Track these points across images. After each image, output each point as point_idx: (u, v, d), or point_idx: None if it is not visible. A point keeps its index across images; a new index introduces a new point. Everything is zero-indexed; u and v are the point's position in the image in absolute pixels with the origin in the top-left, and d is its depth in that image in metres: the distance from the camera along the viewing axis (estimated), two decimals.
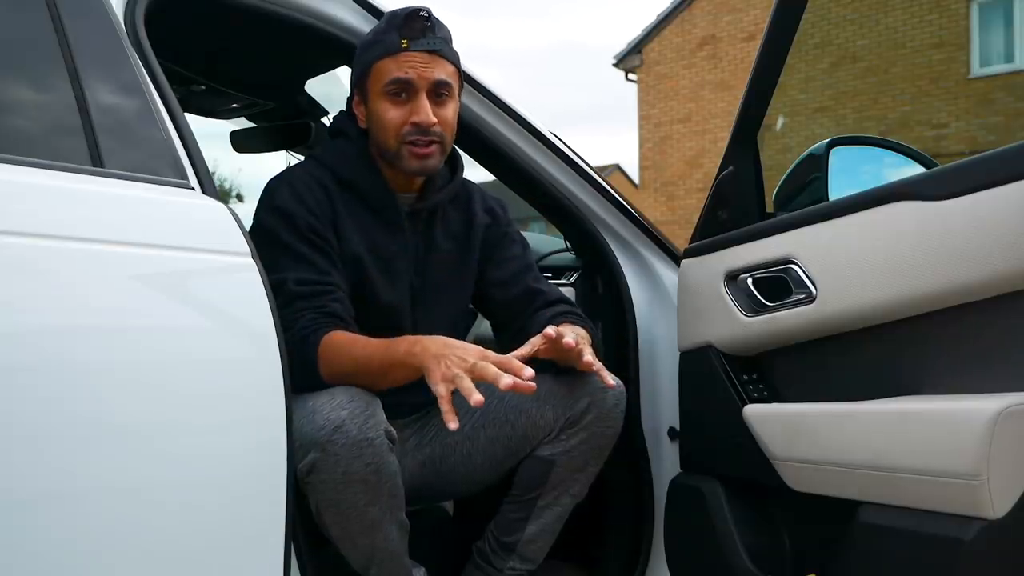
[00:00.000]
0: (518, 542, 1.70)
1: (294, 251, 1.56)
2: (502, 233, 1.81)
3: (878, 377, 1.55)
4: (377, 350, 1.48)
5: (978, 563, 1.34)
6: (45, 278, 1.04)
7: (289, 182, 1.63)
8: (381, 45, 1.62)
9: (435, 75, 1.61)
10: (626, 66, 17.64)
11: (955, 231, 1.39)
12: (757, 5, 15.48)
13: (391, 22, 1.63)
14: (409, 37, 1.60)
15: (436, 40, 1.62)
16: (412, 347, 1.44)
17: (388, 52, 1.61)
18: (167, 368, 1.13)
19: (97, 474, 1.05)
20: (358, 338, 1.51)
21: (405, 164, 1.64)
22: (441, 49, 1.62)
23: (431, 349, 1.42)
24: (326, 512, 1.42)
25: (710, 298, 1.77)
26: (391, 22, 1.63)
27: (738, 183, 1.79)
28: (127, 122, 1.26)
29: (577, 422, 1.64)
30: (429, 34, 1.61)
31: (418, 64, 1.60)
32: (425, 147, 1.62)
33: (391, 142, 1.63)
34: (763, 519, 1.77)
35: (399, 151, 1.63)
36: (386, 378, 1.46)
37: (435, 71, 1.61)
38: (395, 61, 1.61)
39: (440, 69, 1.62)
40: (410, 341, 1.46)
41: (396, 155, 1.64)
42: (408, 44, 1.60)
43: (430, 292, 1.72)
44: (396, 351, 1.46)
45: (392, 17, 1.63)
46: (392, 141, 1.63)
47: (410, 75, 1.60)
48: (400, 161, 1.64)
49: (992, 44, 13.08)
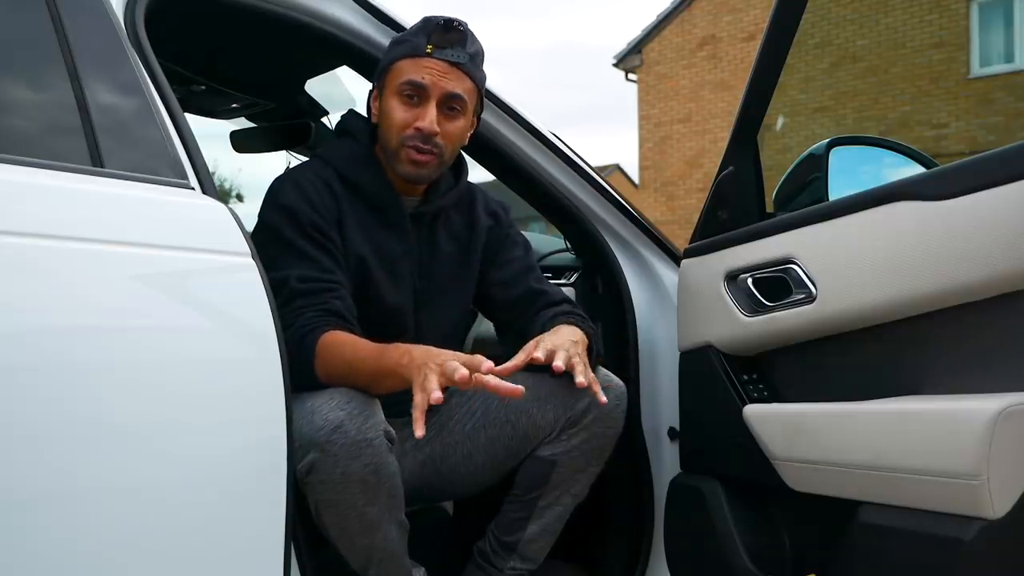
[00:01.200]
0: (519, 542, 1.70)
1: (298, 249, 1.56)
2: (504, 235, 1.81)
3: (878, 377, 1.55)
4: (370, 356, 1.46)
5: (978, 563, 1.34)
6: (45, 278, 1.04)
7: (295, 181, 1.63)
8: (408, 45, 1.63)
9: (450, 87, 1.61)
10: (626, 66, 17.63)
11: (955, 231, 1.39)
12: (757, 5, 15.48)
13: (425, 26, 1.63)
14: (436, 44, 1.60)
15: (462, 53, 1.62)
16: (401, 358, 1.42)
17: (411, 53, 1.61)
18: (167, 368, 1.13)
19: (97, 474, 1.05)
20: (354, 340, 1.50)
21: (400, 166, 1.64)
22: (464, 64, 1.62)
23: (416, 359, 1.40)
24: (325, 512, 1.42)
25: (710, 298, 1.77)
26: (425, 26, 1.63)
27: (738, 183, 1.79)
28: (127, 122, 1.26)
29: (578, 422, 1.64)
30: (458, 47, 1.62)
31: (436, 72, 1.60)
32: (422, 154, 1.62)
33: (392, 141, 1.63)
34: (763, 519, 1.77)
35: (398, 151, 1.63)
36: (378, 385, 1.45)
37: (451, 83, 1.61)
38: (415, 64, 1.61)
39: (458, 83, 1.62)
40: (400, 351, 1.43)
41: (394, 155, 1.64)
42: (432, 51, 1.60)
43: (433, 294, 1.72)
44: (387, 361, 1.44)
45: (427, 21, 1.64)
46: (393, 140, 1.63)
47: (425, 80, 1.60)
48: (396, 162, 1.64)
49: (992, 44, 13.07)
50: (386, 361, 1.44)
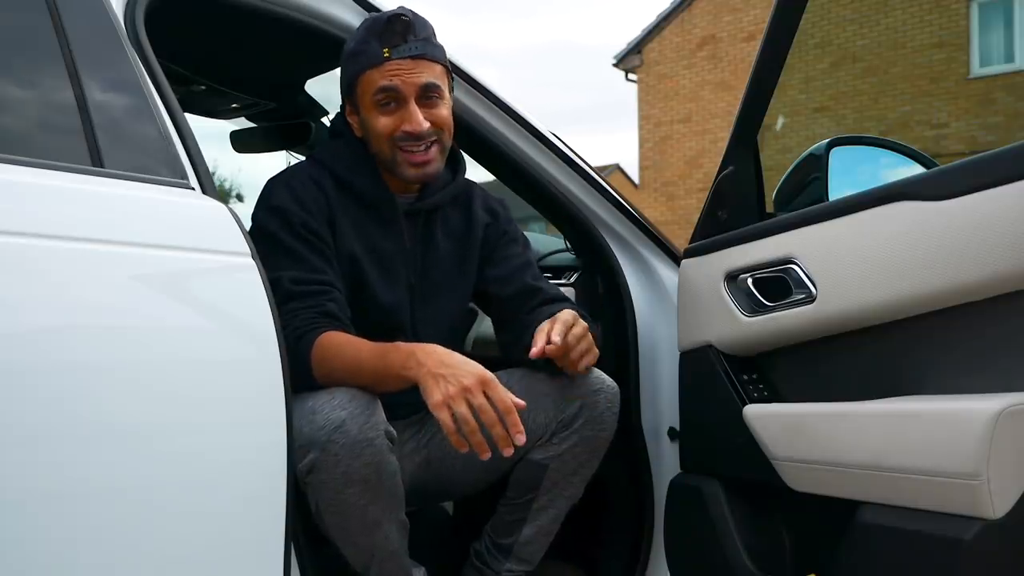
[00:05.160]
0: (514, 544, 1.70)
1: (290, 250, 1.56)
2: (502, 231, 1.81)
3: (878, 377, 1.55)
4: (371, 356, 1.46)
5: (978, 563, 1.34)
6: (45, 278, 1.04)
7: (286, 182, 1.63)
8: (364, 56, 1.60)
9: (421, 79, 1.60)
10: (626, 66, 17.64)
11: (955, 231, 1.38)
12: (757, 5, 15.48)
13: (371, 30, 1.60)
14: (390, 45, 1.58)
15: (418, 44, 1.60)
16: (407, 360, 1.42)
17: (371, 64, 1.60)
18: (167, 368, 1.13)
19: (97, 474, 1.05)
20: (353, 340, 1.50)
21: (403, 173, 1.63)
22: (425, 52, 1.60)
23: (427, 364, 1.40)
24: (326, 512, 1.42)
25: (710, 298, 1.77)
26: (371, 30, 1.60)
27: (738, 183, 1.79)
28: (127, 122, 1.26)
29: (569, 425, 1.64)
30: (411, 37, 1.59)
31: (403, 72, 1.59)
32: (424, 153, 1.61)
33: (386, 151, 1.63)
34: (763, 519, 1.76)
35: (395, 158, 1.62)
36: (379, 385, 1.45)
37: (421, 75, 1.60)
38: (379, 71, 1.59)
39: (427, 72, 1.60)
40: (405, 353, 1.43)
41: (393, 163, 1.63)
42: (390, 53, 1.58)
43: (429, 291, 1.72)
44: (391, 361, 1.44)
45: (372, 24, 1.61)
46: (387, 150, 1.62)
47: (395, 83, 1.59)
48: (398, 169, 1.63)
49: (992, 44, 13.07)
50: (389, 362, 1.44)
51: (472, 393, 1.37)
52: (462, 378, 1.38)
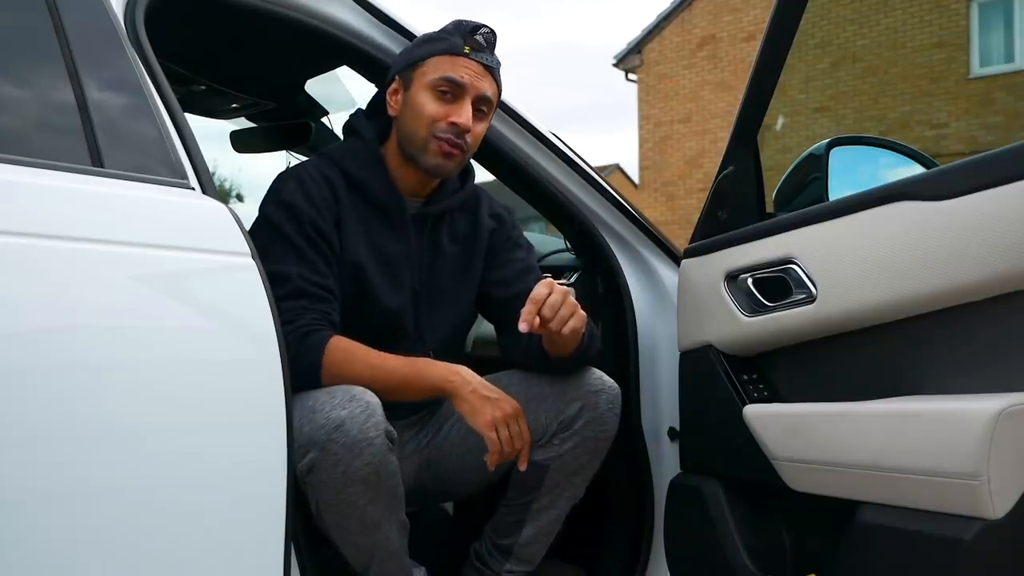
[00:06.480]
0: (514, 545, 1.70)
1: (296, 246, 1.56)
2: (507, 237, 1.81)
3: (878, 377, 1.55)
4: (402, 364, 1.52)
5: (978, 563, 1.34)
6: (45, 278, 1.04)
7: (298, 177, 1.63)
8: (445, 42, 1.65)
9: (483, 88, 1.65)
10: (626, 66, 17.63)
11: (955, 231, 1.38)
12: (757, 5, 15.47)
13: (459, 28, 1.66)
14: (472, 46, 1.64)
15: (494, 59, 1.67)
16: (450, 375, 1.51)
17: (450, 51, 1.64)
18: (166, 368, 1.13)
19: (97, 474, 1.05)
20: (371, 349, 1.53)
21: (428, 158, 1.64)
22: (495, 68, 1.67)
23: (473, 384, 1.51)
24: (326, 512, 1.42)
25: (710, 298, 1.77)
26: (459, 28, 1.66)
27: (738, 183, 1.79)
28: (127, 122, 1.26)
29: (569, 426, 1.64)
30: (490, 51, 1.66)
31: (473, 72, 1.63)
32: (453, 148, 1.63)
33: (422, 132, 1.63)
34: (763, 519, 1.76)
35: (426, 143, 1.63)
36: (400, 392, 1.52)
37: (485, 85, 1.65)
38: (453, 61, 1.63)
39: (489, 86, 1.66)
40: (447, 368, 1.53)
41: (422, 147, 1.64)
42: (470, 51, 1.64)
43: (433, 296, 1.72)
44: (428, 373, 1.52)
45: (461, 24, 1.67)
46: (423, 132, 1.63)
47: (464, 79, 1.62)
48: (424, 154, 1.64)
49: (992, 44, 13.07)
50: (427, 374, 1.52)
51: (513, 421, 1.52)
52: (506, 406, 1.51)
